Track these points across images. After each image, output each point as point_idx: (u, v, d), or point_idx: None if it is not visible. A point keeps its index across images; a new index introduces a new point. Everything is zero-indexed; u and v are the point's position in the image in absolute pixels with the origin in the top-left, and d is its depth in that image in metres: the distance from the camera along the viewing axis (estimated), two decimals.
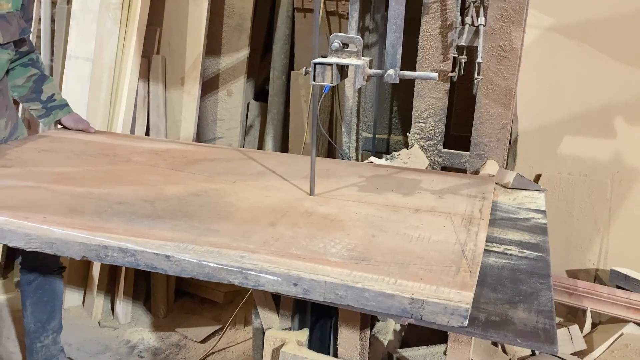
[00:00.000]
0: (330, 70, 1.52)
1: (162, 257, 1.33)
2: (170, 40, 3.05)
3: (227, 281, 1.29)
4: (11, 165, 1.92)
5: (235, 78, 3.26)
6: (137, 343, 2.80)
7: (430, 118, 2.23)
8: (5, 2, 2.00)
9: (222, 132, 3.33)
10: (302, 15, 3.14)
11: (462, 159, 2.25)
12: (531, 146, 2.74)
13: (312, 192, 1.75)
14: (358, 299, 1.20)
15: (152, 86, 3.05)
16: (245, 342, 2.80)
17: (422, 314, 1.16)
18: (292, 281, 1.24)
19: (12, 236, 1.45)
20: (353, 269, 1.26)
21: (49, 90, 2.28)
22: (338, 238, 1.42)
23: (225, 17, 3.20)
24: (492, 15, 2.03)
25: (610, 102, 2.60)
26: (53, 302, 2.32)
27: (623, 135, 2.63)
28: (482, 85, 2.11)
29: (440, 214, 1.60)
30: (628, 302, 2.37)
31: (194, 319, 2.99)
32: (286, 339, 1.59)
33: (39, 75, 2.26)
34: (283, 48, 3.21)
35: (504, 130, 2.15)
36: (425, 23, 2.14)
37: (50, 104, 2.28)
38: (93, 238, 1.39)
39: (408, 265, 1.28)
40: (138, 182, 1.79)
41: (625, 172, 2.65)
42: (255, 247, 1.35)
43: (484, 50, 2.04)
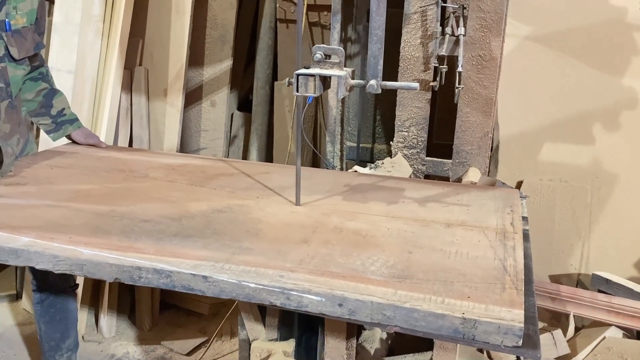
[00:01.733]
0: (313, 81, 1.53)
1: (200, 278, 1.29)
2: (153, 51, 3.04)
3: (269, 302, 1.25)
4: (26, 182, 1.88)
5: (218, 89, 3.26)
6: (122, 357, 2.77)
7: (413, 127, 2.25)
8: (20, 17, 1.95)
9: (206, 143, 3.32)
10: (285, 26, 3.16)
11: (444, 167, 2.27)
12: (512, 153, 2.78)
13: (297, 202, 1.76)
14: (407, 320, 1.17)
15: (135, 98, 3.03)
16: (231, 353, 2.78)
17: (474, 334, 1.13)
18: (337, 302, 1.20)
19: (39, 258, 1.41)
20: (397, 288, 1.23)
21: (59, 105, 2.23)
22: (375, 255, 1.39)
23: (208, 29, 3.21)
24: (472, 25, 2.06)
25: (589, 109, 2.65)
26: (66, 321, 2.28)
27: (601, 141, 2.68)
28: (463, 94, 2.13)
29: (473, 228, 1.58)
30: (610, 305, 2.40)
31: (179, 332, 2.96)
32: (273, 350, 1.59)
33: (49, 90, 2.21)
34: (266, 59, 3.22)
35: (485, 138, 2.18)
36: (406, 33, 2.17)
37: (60, 119, 2.23)
38: (125, 259, 1.36)
39: (452, 283, 1.26)
40: (160, 199, 1.76)
41: (605, 178, 2.69)
42: (293, 266, 1.33)
43: (465, 60, 2.07)
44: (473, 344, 1.15)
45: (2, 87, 1.95)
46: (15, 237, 1.46)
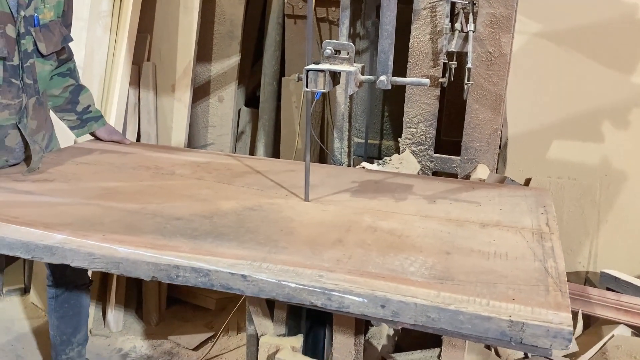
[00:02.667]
0: (322, 77, 1.53)
1: (238, 277, 1.29)
2: (161, 47, 3.04)
3: (309, 302, 1.24)
4: (53, 179, 1.88)
5: (226, 84, 3.26)
6: (129, 351, 2.78)
7: (421, 123, 2.25)
8: (48, 11, 1.93)
9: (213, 139, 3.32)
10: (293, 21, 3.15)
11: (453, 164, 2.27)
12: (521, 150, 2.77)
13: (306, 197, 1.76)
14: (452, 322, 1.15)
15: (143, 93, 3.04)
16: (238, 348, 2.79)
17: (522, 337, 1.12)
18: (379, 303, 1.19)
19: (74, 256, 1.41)
20: (439, 290, 1.22)
21: (85, 102, 2.22)
22: (412, 256, 1.38)
23: (216, 24, 3.21)
24: (482, 21, 2.05)
25: (598, 106, 2.63)
26: (79, 316, 2.29)
27: (610, 139, 2.66)
28: (472, 91, 2.13)
29: (508, 229, 1.57)
30: (618, 304, 2.39)
31: (186, 326, 2.97)
32: (281, 345, 1.59)
33: (76, 86, 2.20)
34: (274, 54, 3.22)
35: (494, 135, 2.17)
36: (415, 29, 2.16)
37: (86, 116, 2.22)
38: (162, 257, 1.35)
39: (495, 285, 1.24)
40: (189, 197, 1.75)
41: (614, 175, 2.68)
42: (331, 266, 1.32)
43: (474, 56, 2.06)
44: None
45: (30, 83, 1.93)
46: (49, 234, 1.46)
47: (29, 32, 1.87)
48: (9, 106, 1.87)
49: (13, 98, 1.87)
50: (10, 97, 1.86)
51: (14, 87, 1.86)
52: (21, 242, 1.45)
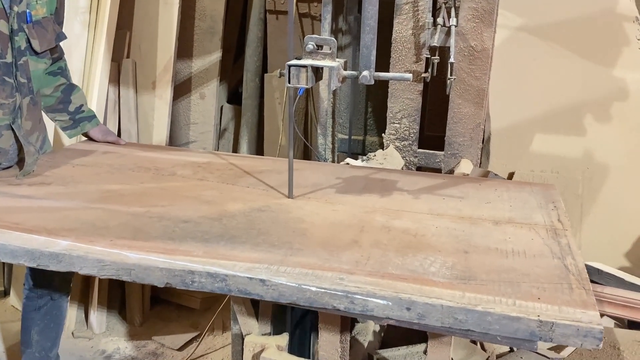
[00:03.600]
0: (305, 72, 1.51)
1: (257, 282, 1.25)
2: (141, 43, 3.00)
3: (332, 306, 1.21)
4: (50, 182, 1.82)
5: (207, 81, 3.23)
6: (113, 353, 2.74)
7: (405, 119, 2.24)
8: (40, 7, 1.87)
9: (195, 136, 3.29)
10: (275, 17, 3.13)
11: (436, 159, 2.27)
12: (504, 144, 2.78)
13: (290, 194, 1.74)
14: (480, 323, 1.13)
15: (123, 91, 2.99)
16: (224, 348, 2.77)
17: (552, 337, 1.11)
18: (405, 305, 1.17)
19: (82, 263, 1.35)
20: (464, 290, 1.20)
21: (77, 101, 2.16)
22: (431, 255, 1.36)
23: (197, 20, 3.17)
24: (464, 15, 2.05)
25: (580, 100, 2.65)
26: (58, 328, 2.21)
27: (593, 132, 2.68)
28: (454, 86, 2.13)
29: (522, 226, 1.56)
30: (601, 296, 2.41)
31: (170, 327, 2.94)
32: (266, 344, 1.57)
33: (67, 85, 2.13)
34: (256, 50, 3.19)
35: (477, 129, 2.17)
36: (397, 24, 2.15)
37: (78, 116, 2.16)
38: (175, 262, 1.31)
39: (518, 284, 1.23)
40: (194, 198, 1.71)
41: (596, 169, 2.70)
42: (350, 268, 1.29)
43: (456, 51, 2.06)
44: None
45: (24, 82, 1.86)
46: (54, 240, 1.41)
47: (22, 28, 1.81)
48: (2, 105, 1.81)
49: (7, 97, 1.81)
50: (4, 96, 1.80)
51: (7, 86, 1.80)
52: (25, 250, 1.39)
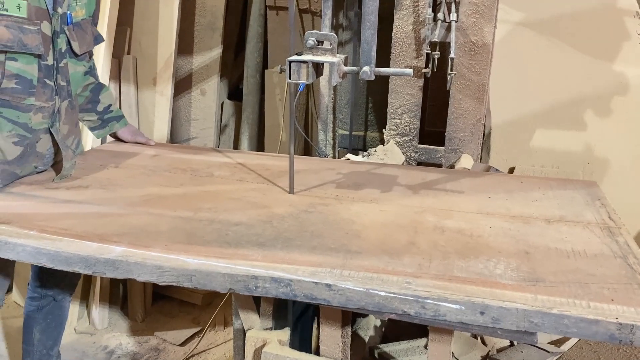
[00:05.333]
0: (305, 68, 1.51)
1: (323, 287, 1.22)
2: (141, 40, 3.00)
3: (402, 311, 1.19)
4: (88, 185, 1.79)
5: (208, 77, 3.23)
6: (115, 348, 2.75)
7: (405, 114, 2.24)
8: (80, 9, 1.85)
9: (196, 132, 3.29)
10: (275, 13, 3.13)
11: (437, 154, 2.27)
12: (504, 140, 2.78)
13: (291, 190, 1.75)
14: (556, 327, 1.12)
15: (124, 87, 3.00)
16: (225, 343, 2.78)
17: (632, 339, 1.09)
18: (478, 310, 1.15)
19: (140, 270, 1.32)
20: (535, 293, 1.18)
21: (106, 101, 2.14)
22: (493, 257, 1.34)
23: (197, 16, 3.17)
24: (464, 11, 2.05)
25: (581, 95, 2.65)
26: (60, 327, 2.22)
27: (593, 127, 2.68)
28: (455, 81, 2.13)
29: (575, 224, 1.55)
30: None
31: (172, 322, 2.95)
32: (268, 339, 1.57)
33: (96, 84, 2.12)
34: (256, 46, 3.19)
35: (477, 124, 2.18)
36: (398, 20, 2.15)
37: (107, 115, 2.14)
38: (237, 268, 1.28)
39: (587, 285, 1.21)
40: (239, 200, 1.69)
41: (596, 164, 2.70)
42: (414, 271, 1.27)
43: (457, 46, 2.06)
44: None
45: (64, 85, 1.83)
46: (107, 246, 1.38)
47: (63, 30, 1.79)
48: (42, 109, 1.78)
49: (47, 100, 1.78)
50: (44, 99, 1.77)
51: (47, 89, 1.77)
52: (79, 257, 1.36)
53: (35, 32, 1.68)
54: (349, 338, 1.56)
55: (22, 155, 1.78)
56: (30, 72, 1.71)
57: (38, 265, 2.06)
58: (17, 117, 1.74)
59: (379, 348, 2.13)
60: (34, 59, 1.71)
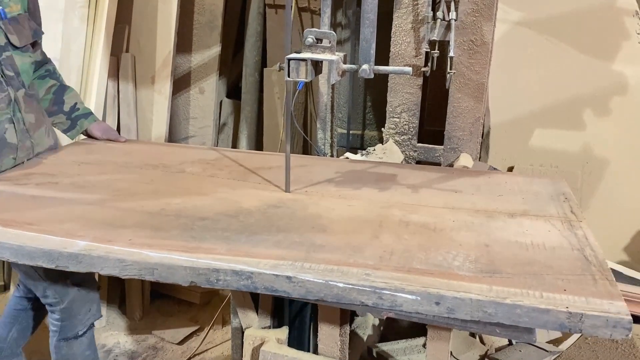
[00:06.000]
0: (304, 66, 1.51)
1: (283, 279, 1.24)
2: (140, 38, 2.99)
3: (360, 302, 1.21)
4: (57, 181, 1.79)
5: (207, 76, 3.22)
6: (113, 347, 2.75)
7: (404, 113, 2.24)
8: (14, 4, 1.92)
9: (194, 131, 3.29)
10: (274, 11, 3.12)
11: (436, 153, 2.27)
12: (503, 139, 2.78)
13: (287, 188, 1.74)
14: (509, 316, 1.14)
15: (122, 85, 2.99)
16: (224, 342, 2.77)
17: (581, 328, 1.12)
18: (434, 300, 1.17)
19: (103, 263, 1.32)
20: (490, 284, 1.20)
21: (71, 100, 2.17)
22: (453, 249, 1.36)
23: (196, 14, 3.16)
24: (463, 9, 2.05)
25: (579, 94, 2.65)
26: (36, 327, 2.23)
27: (591, 126, 2.69)
28: (454, 80, 2.12)
29: (537, 218, 1.57)
30: None
31: (170, 321, 2.95)
32: (266, 338, 1.57)
33: (59, 86, 2.16)
34: (255, 45, 3.19)
35: (476, 123, 2.17)
36: (397, 18, 2.14)
37: (75, 114, 2.17)
38: (198, 261, 1.29)
39: (542, 276, 1.24)
40: (207, 195, 1.69)
41: (595, 163, 2.71)
42: (375, 263, 1.28)
43: (456, 45, 2.06)
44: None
45: (12, 75, 1.90)
46: (71, 240, 1.38)
47: None
48: None
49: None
50: None
51: None
52: (42, 251, 1.36)
53: None
54: (347, 337, 1.56)
55: None
56: None
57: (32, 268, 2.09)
58: None
59: (377, 347, 2.13)
60: None
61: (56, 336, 1.95)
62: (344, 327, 1.53)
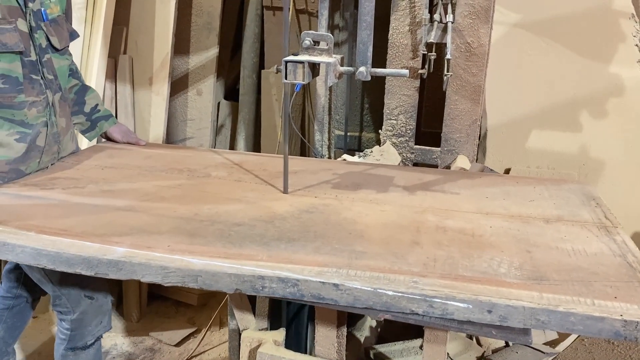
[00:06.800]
0: (301, 68, 1.51)
1: (330, 286, 1.22)
2: (138, 39, 3.00)
3: (409, 310, 1.19)
4: (84, 186, 1.77)
5: (204, 77, 3.22)
6: (110, 349, 2.75)
7: (402, 115, 2.25)
8: (54, 5, 1.89)
9: (192, 132, 3.29)
10: (272, 13, 3.13)
11: (433, 155, 2.27)
12: (500, 141, 2.79)
13: (285, 190, 1.75)
14: (562, 324, 1.13)
15: (120, 87, 2.99)
16: (221, 344, 2.77)
17: (637, 336, 1.11)
18: (486, 308, 1.16)
19: (145, 270, 1.29)
20: (540, 291, 1.19)
21: (92, 101, 2.15)
22: (496, 256, 1.35)
23: (194, 16, 3.17)
24: (460, 12, 2.05)
25: (576, 97, 2.66)
26: (24, 326, 2.22)
27: (588, 128, 2.69)
28: (451, 82, 2.13)
29: (573, 223, 1.56)
30: None
31: (168, 323, 2.95)
32: (263, 339, 1.57)
33: (81, 86, 2.14)
34: (253, 46, 3.19)
35: (473, 125, 2.18)
36: (394, 20, 2.15)
37: (95, 116, 2.15)
38: (243, 268, 1.27)
39: (590, 283, 1.23)
40: (238, 200, 1.67)
41: (591, 165, 2.71)
42: (420, 270, 1.27)
43: (453, 47, 2.06)
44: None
45: (52, 79, 1.87)
46: (109, 247, 1.36)
47: (40, 26, 1.83)
48: (35, 103, 1.80)
49: (38, 94, 1.81)
50: (34, 93, 1.80)
51: (35, 84, 1.80)
52: (81, 258, 1.33)
53: (12, 30, 1.71)
54: (344, 338, 1.56)
55: (27, 151, 1.81)
56: (15, 70, 1.74)
57: (16, 266, 2.08)
58: (13, 115, 1.76)
59: (374, 349, 2.13)
60: (16, 57, 1.74)
61: (64, 345, 1.93)
62: (341, 328, 1.54)
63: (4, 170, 1.78)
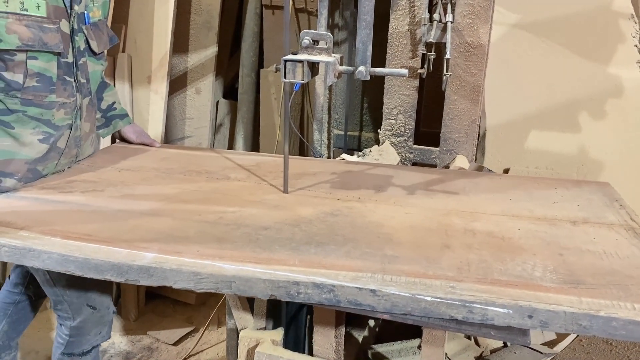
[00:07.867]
0: (301, 67, 1.51)
1: (367, 292, 1.20)
2: (136, 38, 2.99)
3: (449, 316, 1.17)
4: (102, 189, 1.74)
5: (203, 76, 3.22)
6: (108, 348, 2.74)
7: (401, 115, 2.24)
8: (96, 9, 1.89)
9: (191, 131, 3.28)
10: (271, 12, 3.13)
11: (432, 155, 2.27)
12: (499, 141, 2.79)
13: (285, 189, 1.74)
14: (605, 329, 1.11)
15: (118, 85, 2.98)
16: (219, 343, 2.77)
17: None
18: (526, 313, 1.14)
19: (176, 276, 1.27)
20: (579, 295, 1.17)
21: (110, 99, 2.15)
22: (529, 259, 1.33)
23: (193, 14, 3.16)
24: (460, 12, 2.05)
25: (575, 97, 2.66)
26: (28, 321, 2.23)
27: (588, 129, 2.69)
28: (450, 82, 2.13)
29: (600, 226, 1.55)
30: None
31: (166, 322, 2.94)
32: (261, 339, 1.57)
33: (100, 82, 2.12)
34: (252, 45, 3.18)
35: (472, 125, 2.18)
36: (394, 20, 2.15)
37: (110, 113, 2.15)
38: (276, 273, 1.24)
39: (627, 287, 1.21)
40: (261, 203, 1.65)
41: (590, 166, 2.71)
42: (455, 275, 1.25)
43: (452, 47, 2.06)
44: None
45: (84, 82, 1.87)
46: (138, 253, 1.32)
47: (81, 29, 1.82)
48: (64, 105, 1.80)
49: (68, 97, 1.80)
50: (65, 95, 1.79)
51: (68, 86, 1.79)
52: (111, 264, 1.30)
53: (55, 31, 1.71)
54: (342, 338, 1.56)
55: (47, 152, 1.80)
56: (50, 70, 1.73)
57: (22, 268, 2.08)
58: (41, 114, 1.75)
59: (372, 348, 2.13)
60: (54, 57, 1.73)
61: (61, 349, 1.93)
62: (339, 328, 1.54)
63: (22, 170, 1.76)
